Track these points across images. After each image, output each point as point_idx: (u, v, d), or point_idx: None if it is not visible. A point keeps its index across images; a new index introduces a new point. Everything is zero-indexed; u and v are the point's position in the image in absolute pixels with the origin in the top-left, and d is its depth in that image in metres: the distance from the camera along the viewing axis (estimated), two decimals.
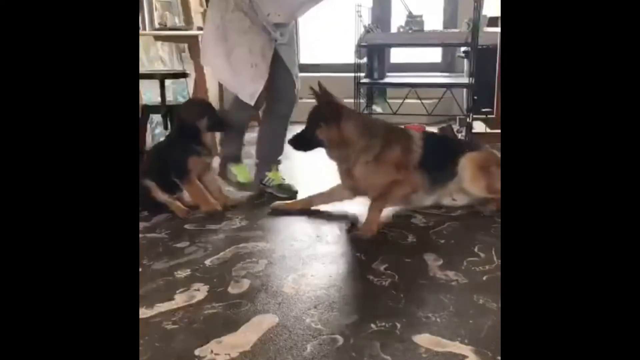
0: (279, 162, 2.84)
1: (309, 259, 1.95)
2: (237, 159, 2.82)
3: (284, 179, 2.79)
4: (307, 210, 2.49)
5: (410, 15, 3.12)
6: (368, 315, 1.54)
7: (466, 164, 2.45)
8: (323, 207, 2.52)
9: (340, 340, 1.41)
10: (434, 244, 2.07)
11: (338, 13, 4.86)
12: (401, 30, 3.14)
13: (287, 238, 2.17)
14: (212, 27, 2.57)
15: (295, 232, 2.23)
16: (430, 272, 1.82)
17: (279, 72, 2.65)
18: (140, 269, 1.86)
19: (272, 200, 2.64)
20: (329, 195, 2.53)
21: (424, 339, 1.41)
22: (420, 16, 3.09)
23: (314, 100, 2.35)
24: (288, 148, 2.55)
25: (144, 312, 1.56)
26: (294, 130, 2.45)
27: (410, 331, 1.45)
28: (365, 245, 2.07)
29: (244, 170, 2.80)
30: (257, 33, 2.49)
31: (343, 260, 1.95)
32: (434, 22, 4.43)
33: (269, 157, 2.78)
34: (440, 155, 2.47)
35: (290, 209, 2.50)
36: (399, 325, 1.48)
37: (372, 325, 1.48)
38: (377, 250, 2.01)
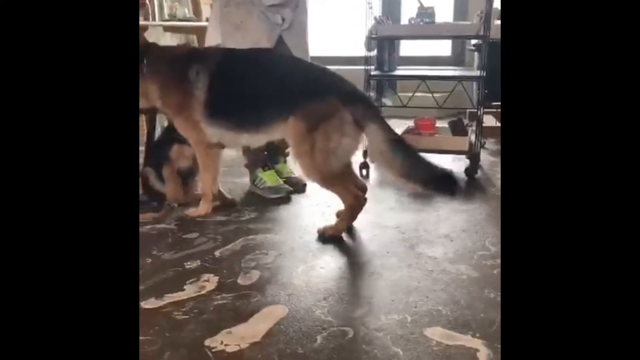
0: (286, 155, 2.80)
1: (318, 251, 1.95)
2: (262, 164, 2.65)
3: (292, 172, 2.77)
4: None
5: (421, 7, 3.09)
6: (378, 308, 1.53)
7: (289, 129, 2.03)
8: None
9: (351, 332, 1.41)
10: (444, 237, 2.06)
11: (347, 4, 4.84)
12: (412, 22, 3.10)
13: (296, 230, 2.17)
14: (214, 22, 2.52)
15: (304, 224, 2.23)
16: (441, 265, 1.81)
17: None
18: (150, 260, 1.87)
19: (266, 201, 2.52)
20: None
21: (435, 332, 1.40)
22: (432, 8, 3.06)
23: None
24: None
25: (154, 302, 1.56)
26: None
27: (421, 324, 1.44)
28: (375, 238, 2.06)
29: (272, 175, 2.63)
30: (251, 26, 2.40)
31: (353, 252, 1.94)
32: (444, 14, 4.39)
33: (275, 150, 2.74)
34: (243, 96, 2.12)
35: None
36: (409, 318, 1.47)
37: (382, 318, 1.48)
38: (387, 243, 2.00)
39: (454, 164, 3.04)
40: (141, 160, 2.59)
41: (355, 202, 2.10)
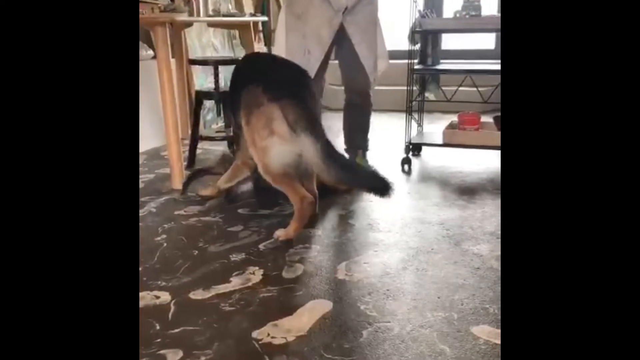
0: (365, 149, 2.79)
1: (361, 247, 1.95)
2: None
3: (371, 168, 2.74)
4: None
5: (467, 0, 3.03)
6: (424, 305, 1.52)
7: (245, 127, 1.99)
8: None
9: (396, 328, 1.40)
10: (490, 235, 2.02)
11: None
12: (458, 15, 3.04)
13: (339, 225, 2.17)
14: (287, 16, 2.51)
15: (347, 219, 2.23)
16: (487, 263, 1.78)
17: (345, 55, 2.53)
18: (196, 252, 1.91)
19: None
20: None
21: (482, 330, 1.38)
22: (478, 0, 3.00)
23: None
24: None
25: (202, 294, 1.60)
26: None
27: (468, 322, 1.42)
28: (419, 234, 2.04)
29: (363, 161, 2.70)
30: (312, 13, 2.40)
31: (396, 248, 1.93)
32: (489, 6, 4.28)
33: (349, 147, 2.74)
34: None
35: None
36: (455, 316, 1.45)
37: (428, 315, 1.46)
38: (431, 240, 1.98)
39: (499, 161, 2.98)
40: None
41: (301, 205, 1.97)
